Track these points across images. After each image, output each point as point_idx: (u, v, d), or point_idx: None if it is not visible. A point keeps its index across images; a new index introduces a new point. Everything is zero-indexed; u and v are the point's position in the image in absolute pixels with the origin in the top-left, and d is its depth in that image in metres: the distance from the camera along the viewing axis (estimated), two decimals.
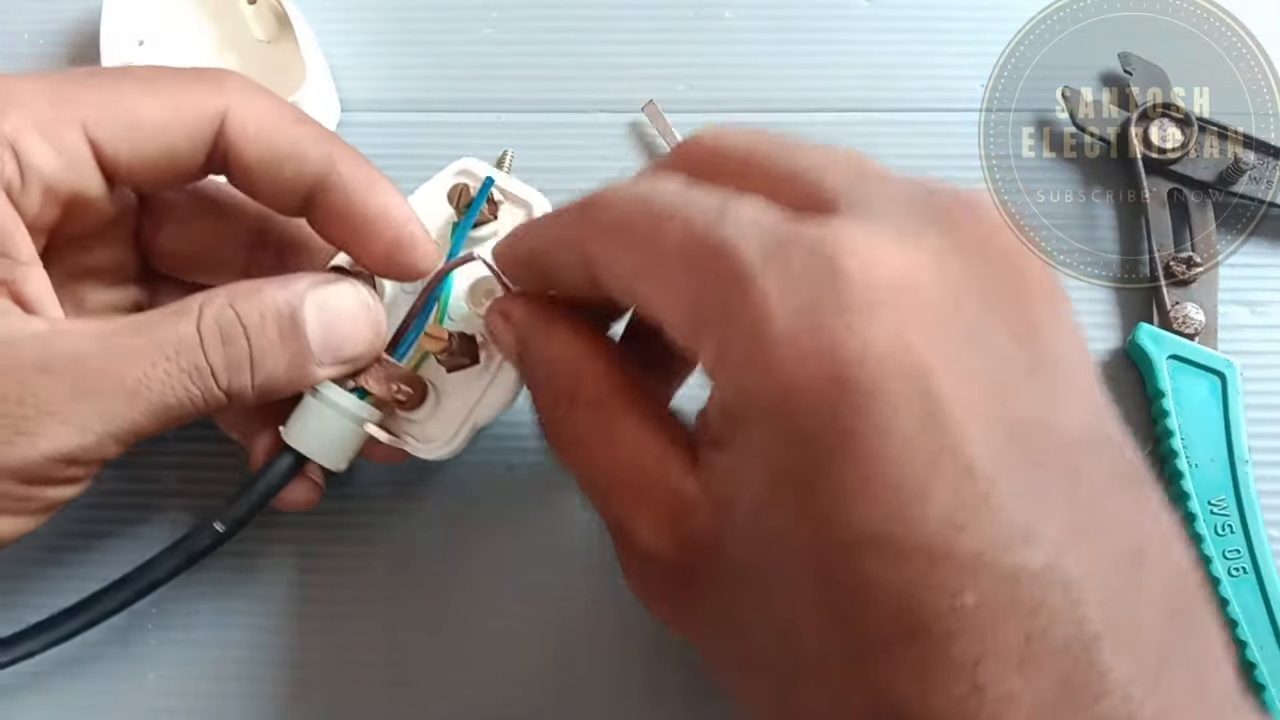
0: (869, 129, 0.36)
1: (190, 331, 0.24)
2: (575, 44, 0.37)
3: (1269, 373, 0.33)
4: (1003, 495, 0.17)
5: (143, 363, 0.23)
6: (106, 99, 0.24)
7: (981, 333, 0.19)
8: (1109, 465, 0.19)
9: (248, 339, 0.24)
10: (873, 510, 0.17)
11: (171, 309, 0.24)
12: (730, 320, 0.19)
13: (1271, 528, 0.31)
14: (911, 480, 0.17)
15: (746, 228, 0.19)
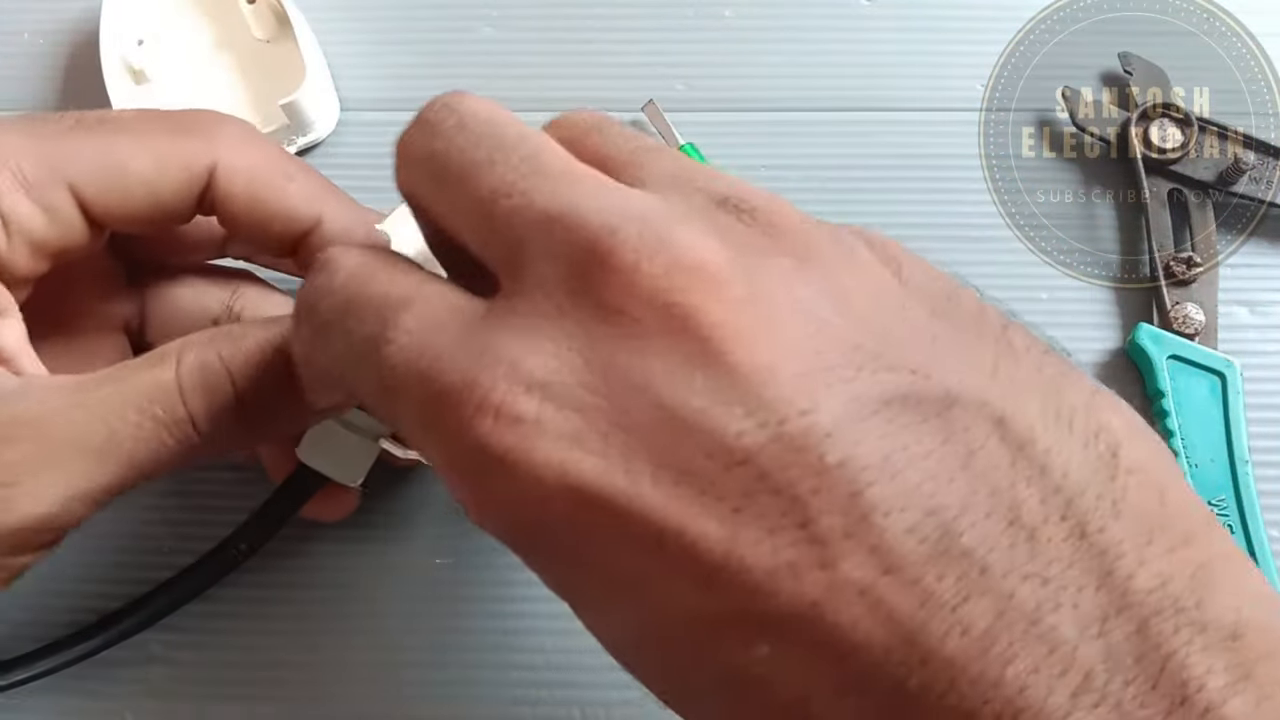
0: (869, 129, 0.36)
1: (169, 379, 0.23)
2: (575, 44, 0.37)
3: (1269, 373, 0.33)
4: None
5: (112, 420, 0.22)
6: (94, 155, 0.24)
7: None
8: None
9: (233, 385, 0.23)
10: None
11: (146, 358, 0.23)
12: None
13: (1272, 528, 0.31)
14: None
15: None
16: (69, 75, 0.38)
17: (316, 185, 0.26)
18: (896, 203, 0.35)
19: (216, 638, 0.31)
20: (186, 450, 0.23)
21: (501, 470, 0.15)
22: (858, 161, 0.36)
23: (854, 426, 0.15)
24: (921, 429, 0.15)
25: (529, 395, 0.15)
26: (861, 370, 0.16)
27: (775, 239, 0.17)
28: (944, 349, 0.17)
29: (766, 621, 0.15)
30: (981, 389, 0.16)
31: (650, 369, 0.15)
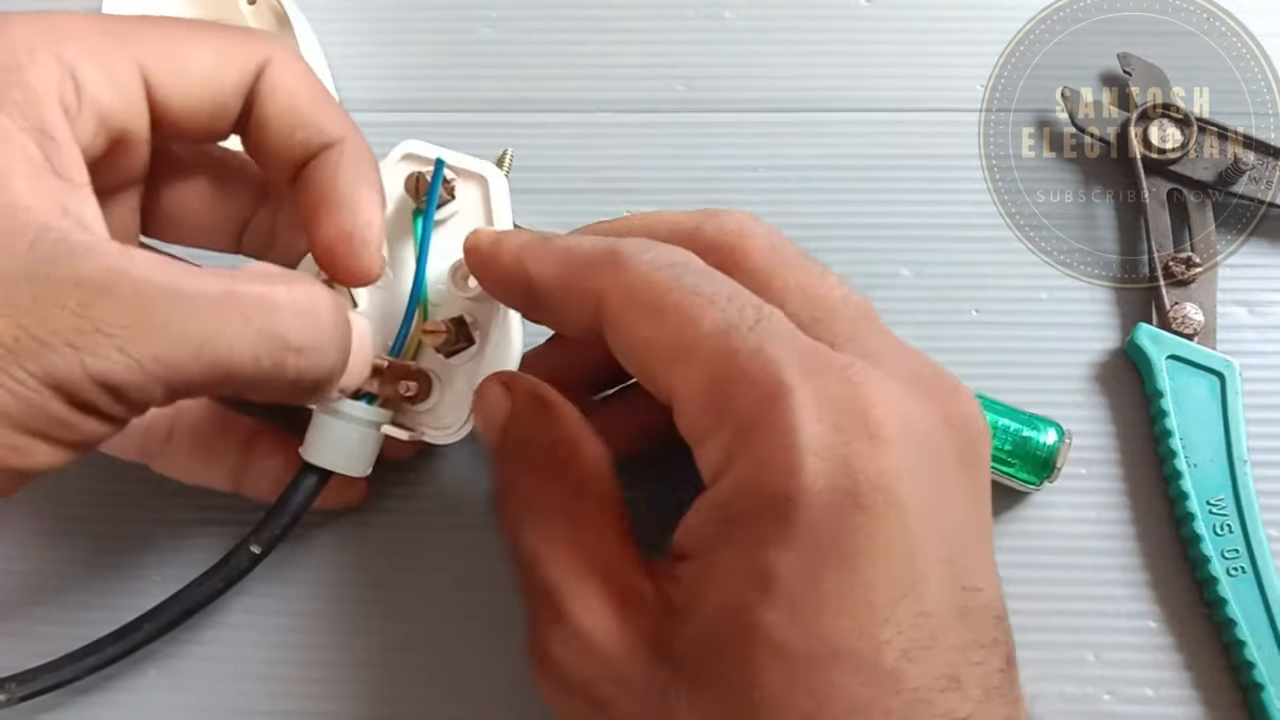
0: (869, 129, 0.36)
1: (283, 297, 0.22)
2: (575, 44, 0.37)
3: (1268, 373, 0.33)
4: (942, 643, 0.20)
5: (215, 317, 0.21)
6: (160, 41, 0.24)
7: (950, 495, 0.22)
8: (1008, 643, 0.22)
9: (322, 323, 0.23)
10: (847, 623, 0.20)
11: (255, 273, 0.23)
12: (760, 422, 0.21)
13: (1270, 528, 0.31)
14: (883, 605, 0.20)
15: (784, 339, 0.22)
16: None
17: (346, 116, 0.27)
18: (896, 203, 0.35)
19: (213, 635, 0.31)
20: (275, 377, 0.22)
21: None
22: (858, 161, 0.36)
23: None
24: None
25: None
26: None
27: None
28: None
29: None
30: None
31: None
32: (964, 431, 0.23)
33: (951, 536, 0.22)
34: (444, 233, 0.29)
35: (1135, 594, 0.32)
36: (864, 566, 0.20)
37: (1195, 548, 0.31)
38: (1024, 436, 0.31)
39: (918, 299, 0.34)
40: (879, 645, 0.20)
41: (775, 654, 0.20)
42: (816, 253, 0.35)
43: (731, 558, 0.21)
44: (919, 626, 0.20)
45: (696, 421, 0.22)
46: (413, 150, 0.29)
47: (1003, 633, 0.22)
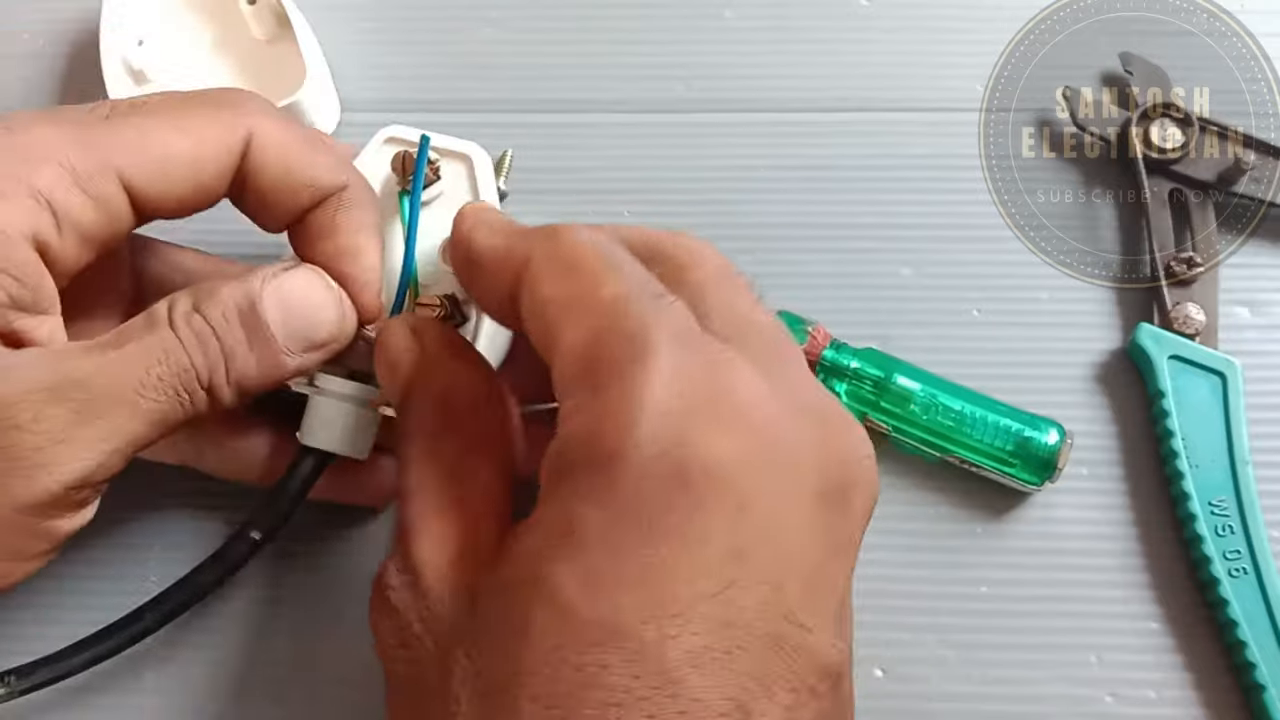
0: (869, 129, 0.36)
1: (169, 335, 0.24)
2: (575, 44, 0.37)
3: (1270, 373, 0.33)
4: (740, 664, 0.19)
5: (137, 371, 0.23)
6: (136, 141, 0.24)
7: (798, 524, 0.20)
8: (833, 703, 0.20)
9: (217, 338, 0.24)
10: (636, 601, 0.18)
11: (142, 319, 0.24)
12: (618, 376, 0.20)
13: (1272, 529, 0.31)
14: (682, 596, 0.19)
15: (674, 316, 0.21)
16: (69, 75, 0.38)
17: (339, 155, 0.27)
18: (896, 203, 0.35)
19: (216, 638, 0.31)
20: (196, 403, 0.24)
21: None
22: (858, 161, 0.36)
23: None
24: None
25: None
26: None
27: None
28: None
29: None
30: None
31: None
32: (837, 470, 0.21)
33: (788, 564, 0.20)
34: (431, 213, 0.29)
35: (1137, 595, 0.31)
36: (672, 548, 0.19)
37: (1197, 548, 0.31)
38: (1025, 437, 0.31)
39: (918, 299, 0.34)
40: (663, 638, 0.18)
41: (555, 614, 0.19)
42: (817, 253, 0.35)
43: (547, 510, 0.20)
44: (720, 635, 0.18)
45: (567, 374, 0.21)
46: (395, 134, 0.29)
47: (827, 688, 0.20)
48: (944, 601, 0.31)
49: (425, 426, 0.24)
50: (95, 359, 0.23)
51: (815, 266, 0.35)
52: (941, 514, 0.32)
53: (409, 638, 0.21)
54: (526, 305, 0.22)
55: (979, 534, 0.32)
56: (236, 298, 0.25)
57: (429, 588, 0.21)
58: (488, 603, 0.20)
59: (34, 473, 0.22)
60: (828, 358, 0.32)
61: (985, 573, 0.32)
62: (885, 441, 0.32)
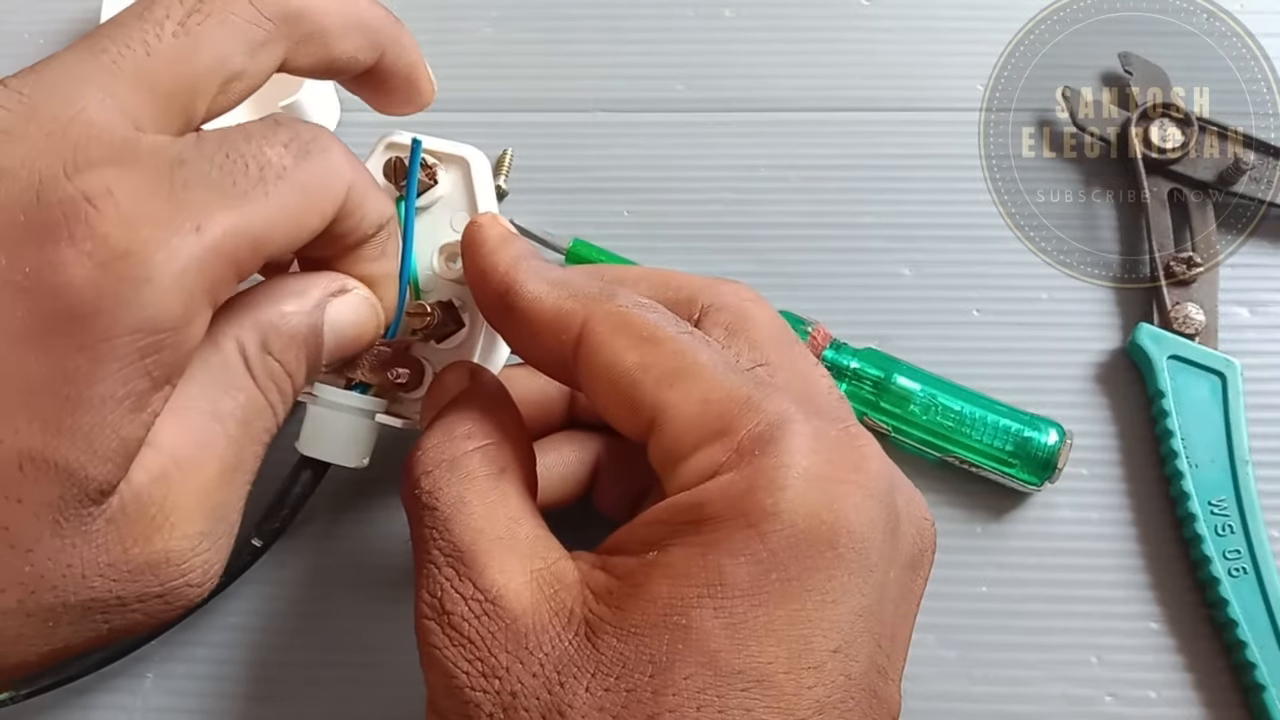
0: (869, 129, 0.36)
1: (257, 396, 0.23)
2: (575, 44, 0.37)
3: (1269, 373, 0.33)
4: (853, 713, 0.20)
5: (249, 465, 0.23)
6: (283, 222, 0.22)
7: (892, 584, 0.22)
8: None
9: (292, 382, 0.24)
10: (780, 654, 0.20)
11: (218, 374, 0.23)
12: (761, 441, 0.21)
13: (1272, 528, 0.31)
14: (819, 650, 0.20)
15: (781, 386, 0.23)
16: None
17: (381, 191, 0.26)
18: (896, 203, 0.35)
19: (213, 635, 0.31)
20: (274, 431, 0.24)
21: None
22: (858, 161, 0.36)
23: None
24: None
25: None
26: None
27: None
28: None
29: None
30: None
31: None
32: (920, 537, 0.23)
33: (884, 620, 0.21)
34: (429, 218, 0.28)
35: (1137, 595, 0.31)
36: (815, 604, 0.20)
37: (1197, 548, 0.31)
38: (1025, 437, 0.31)
39: (918, 299, 0.34)
40: (801, 688, 0.20)
41: (704, 659, 0.20)
42: (817, 252, 0.35)
43: (685, 557, 0.21)
44: (840, 687, 0.20)
45: (685, 436, 0.22)
46: (394, 140, 0.29)
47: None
48: (944, 601, 0.31)
49: (464, 448, 0.24)
50: (217, 465, 0.22)
51: (815, 266, 0.35)
52: (941, 514, 0.32)
53: (494, 668, 0.21)
54: (598, 369, 0.23)
55: (979, 534, 0.32)
56: (303, 331, 0.24)
57: (514, 613, 0.21)
58: (618, 641, 0.20)
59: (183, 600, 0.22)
60: (828, 358, 0.32)
61: (985, 573, 0.32)
62: (885, 441, 0.32)
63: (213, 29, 0.22)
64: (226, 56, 0.22)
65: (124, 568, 0.20)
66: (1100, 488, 0.32)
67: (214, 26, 0.22)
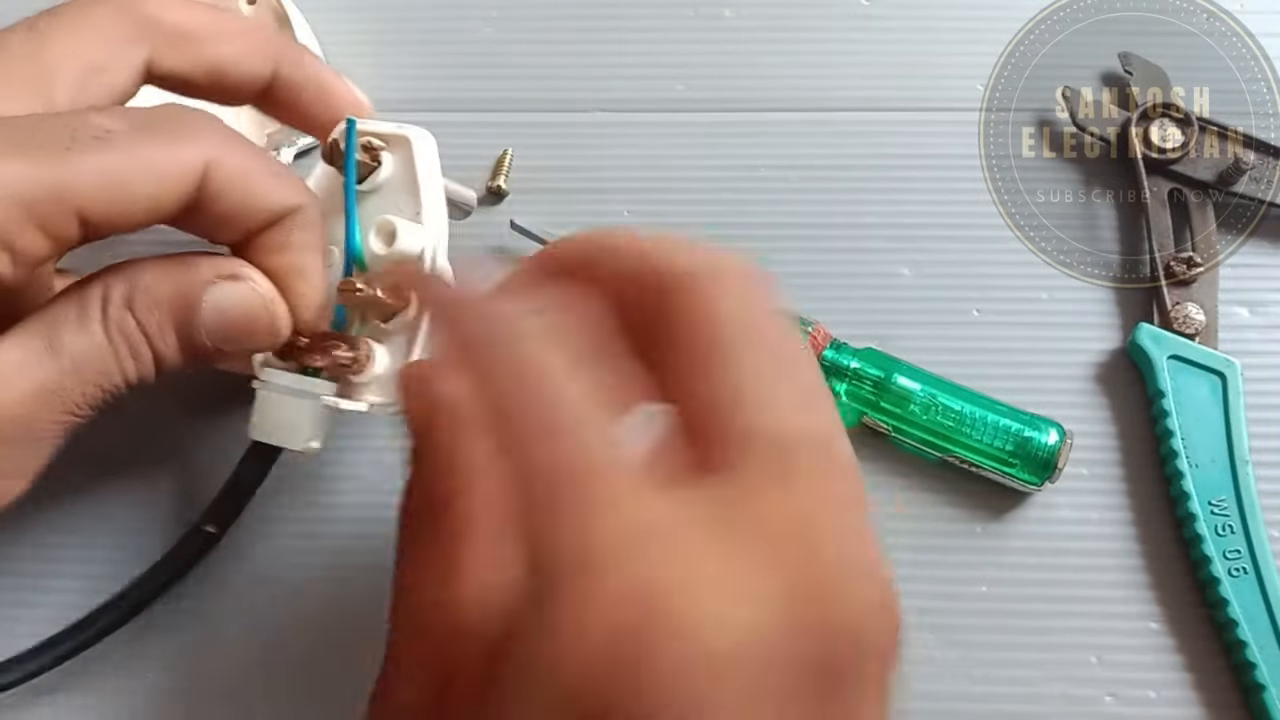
0: (869, 129, 0.36)
1: (102, 342, 0.24)
2: (575, 44, 0.37)
3: (1269, 373, 0.33)
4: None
5: (72, 397, 0.24)
6: (97, 178, 0.23)
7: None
8: None
9: (150, 344, 0.25)
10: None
11: (75, 315, 0.24)
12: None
13: (1272, 528, 0.31)
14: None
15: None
16: None
17: (292, 177, 0.27)
18: (896, 203, 0.35)
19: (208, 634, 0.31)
20: (112, 397, 0.25)
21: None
22: (858, 161, 0.36)
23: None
24: None
25: None
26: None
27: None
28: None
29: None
30: None
31: None
32: (833, 645, 0.17)
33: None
34: (376, 200, 0.28)
35: (1137, 595, 0.31)
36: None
37: (1197, 548, 0.31)
38: (1025, 437, 0.31)
39: (918, 299, 0.34)
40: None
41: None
42: (817, 252, 0.35)
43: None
44: None
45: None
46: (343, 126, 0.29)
47: None
48: (944, 601, 0.31)
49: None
50: (27, 385, 0.23)
51: (815, 266, 0.35)
52: (941, 514, 0.32)
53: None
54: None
55: (979, 534, 0.32)
56: (174, 300, 0.25)
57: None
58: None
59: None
60: (828, 358, 0.32)
61: (985, 573, 0.32)
62: (885, 441, 0.32)
63: (63, 27, 0.25)
64: (75, 47, 0.25)
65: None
66: (1100, 488, 0.32)
67: (64, 25, 0.25)
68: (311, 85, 0.29)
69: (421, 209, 0.28)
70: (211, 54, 0.27)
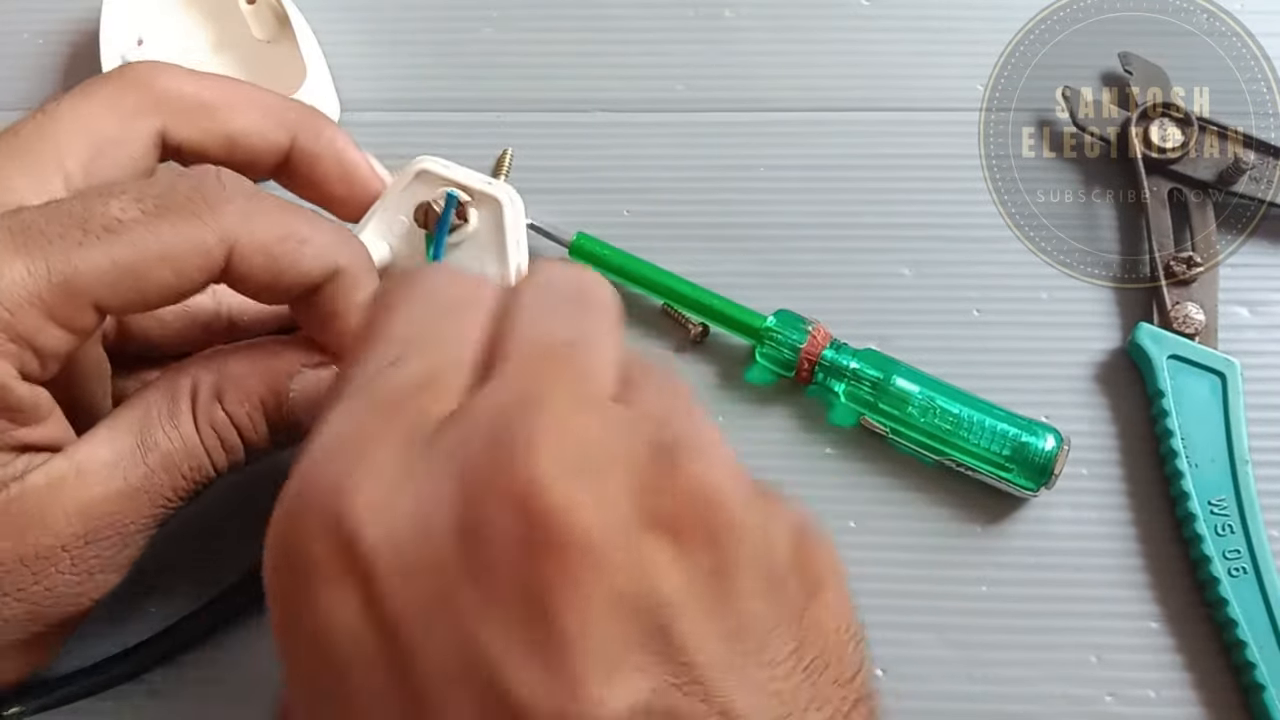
0: (869, 129, 0.36)
1: (193, 439, 0.24)
2: (575, 44, 0.37)
3: (1269, 373, 0.33)
4: None
5: (164, 493, 0.24)
6: (112, 272, 0.22)
7: None
8: None
9: (240, 436, 0.25)
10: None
11: (167, 410, 0.24)
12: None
13: (1272, 528, 0.31)
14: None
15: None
16: (69, 75, 0.38)
17: (327, 238, 0.25)
18: (896, 203, 0.35)
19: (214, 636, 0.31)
20: (202, 487, 0.25)
21: None
22: (858, 161, 0.36)
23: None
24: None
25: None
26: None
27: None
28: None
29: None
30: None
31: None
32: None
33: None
34: (457, 255, 0.28)
35: (1136, 595, 0.31)
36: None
37: (1196, 548, 0.31)
38: (1022, 442, 0.31)
39: (918, 299, 0.34)
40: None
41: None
42: (817, 252, 0.35)
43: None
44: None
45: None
46: (427, 167, 0.28)
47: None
48: (944, 601, 0.31)
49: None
50: (119, 484, 0.24)
51: (815, 266, 0.35)
52: (941, 514, 0.32)
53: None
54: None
55: (979, 534, 0.32)
56: (263, 390, 0.25)
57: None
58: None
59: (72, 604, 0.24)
60: (827, 358, 0.32)
61: (985, 573, 0.32)
62: (883, 442, 0.32)
63: (72, 104, 0.25)
64: (84, 121, 0.25)
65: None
66: (1100, 487, 0.32)
67: (73, 102, 0.25)
68: (329, 156, 0.28)
69: (508, 272, 0.28)
70: (225, 124, 0.26)
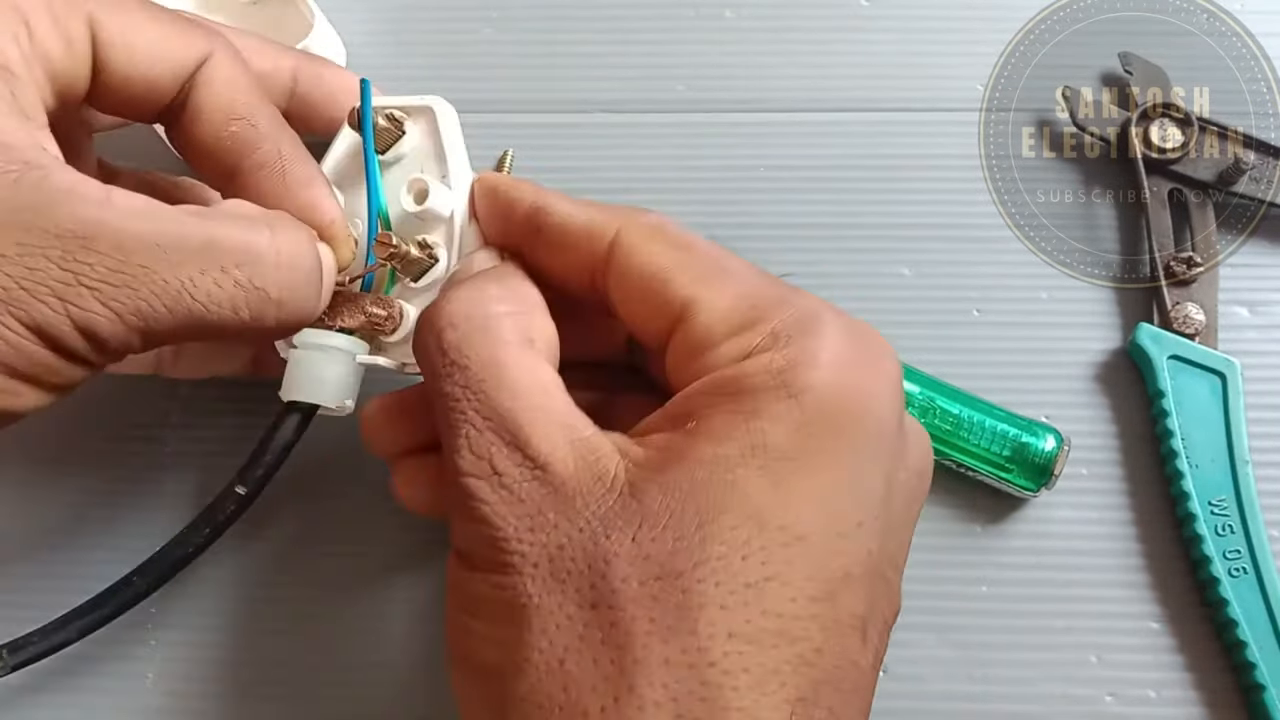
0: (869, 129, 0.36)
1: (266, 247, 0.24)
2: (575, 44, 0.37)
3: (1269, 373, 0.33)
4: (864, 585, 0.22)
5: (194, 270, 0.22)
6: (114, 8, 0.24)
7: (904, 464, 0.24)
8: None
9: (304, 273, 0.25)
10: (817, 515, 0.21)
11: (236, 216, 0.24)
12: (797, 328, 0.23)
13: (1272, 528, 0.31)
14: (849, 517, 0.22)
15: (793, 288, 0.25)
16: None
17: (281, 119, 0.27)
18: (896, 203, 0.35)
19: (214, 636, 0.31)
20: (253, 328, 0.24)
21: None
22: (858, 161, 0.36)
23: None
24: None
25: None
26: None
27: None
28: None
29: None
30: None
31: None
32: (923, 450, 0.25)
33: (894, 511, 0.23)
34: (399, 170, 0.28)
35: (1137, 595, 0.31)
36: (845, 476, 0.22)
37: (1197, 548, 0.31)
38: (1023, 442, 0.31)
39: (918, 299, 0.34)
40: (831, 553, 0.21)
41: (747, 513, 0.21)
42: (817, 252, 0.35)
43: (728, 422, 0.22)
44: (861, 560, 0.21)
45: (718, 326, 0.23)
46: (357, 106, 0.29)
47: (889, 630, 0.23)
48: (944, 601, 0.31)
49: (494, 311, 0.24)
50: (153, 228, 0.22)
51: (815, 266, 0.35)
52: (941, 514, 0.32)
53: (542, 524, 0.21)
54: (629, 270, 0.24)
55: (979, 534, 0.32)
56: (315, 239, 0.26)
57: (563, 478, 0.22)
58: (664, 497, 0.21)
59: (51, 302, 0.21)
60: None
61: (985, 573, 0.32)
62: None
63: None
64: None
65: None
66: (1100, 487, 0.32)
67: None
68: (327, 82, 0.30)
69: (449, 173, 0.28)
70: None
